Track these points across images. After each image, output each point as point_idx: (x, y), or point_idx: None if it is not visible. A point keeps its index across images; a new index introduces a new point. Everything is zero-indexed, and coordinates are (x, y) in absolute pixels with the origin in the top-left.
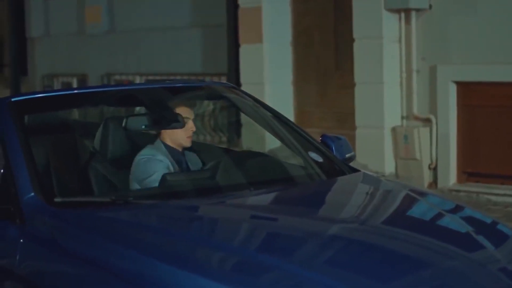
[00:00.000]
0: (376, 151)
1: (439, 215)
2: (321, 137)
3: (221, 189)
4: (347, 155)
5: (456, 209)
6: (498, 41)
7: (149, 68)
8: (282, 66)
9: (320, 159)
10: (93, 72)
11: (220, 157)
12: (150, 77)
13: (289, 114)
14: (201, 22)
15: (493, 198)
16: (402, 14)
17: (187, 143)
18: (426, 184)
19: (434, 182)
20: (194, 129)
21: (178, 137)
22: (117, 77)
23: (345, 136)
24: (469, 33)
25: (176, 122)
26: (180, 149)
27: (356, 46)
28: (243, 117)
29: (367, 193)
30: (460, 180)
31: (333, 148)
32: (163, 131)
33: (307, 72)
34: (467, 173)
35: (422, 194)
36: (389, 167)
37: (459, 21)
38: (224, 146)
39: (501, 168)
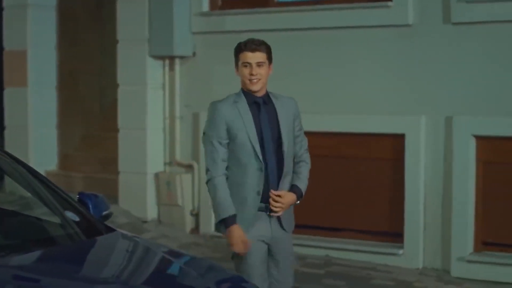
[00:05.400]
0: (139, 196)
1: (192, 278)
2: (78, 195)
3: None
4: (104, 213)
5: (210, 270)
6: None
7: None
8: (47, 109)
9: (77, 218)
10: None
11: None
12: None
13: (53, 158)
14: None
15: None
16: (166, 61)
17: (250, 86)
18: (188, 230)
19: (196, 228)
20: (254, 73)
21: (243, 80)
22: None
23: (108, 180)
24: (231, 81)
25: None
26: (255, 94)
27: (120, 91)
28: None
29: (126, 254)
30: None
31: (90, 206)
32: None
33: (72, 116)
34: None
35: (177, 255)
36: (151, 213)
37: (222, 69)
38: None
39: None
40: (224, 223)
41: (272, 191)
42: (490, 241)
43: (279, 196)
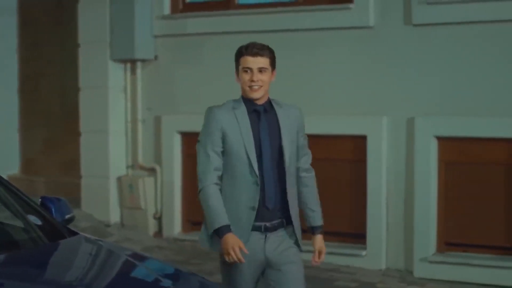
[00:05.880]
0: (101, 200)
1: (157, 281)
2: (40, 198)
3: None
4: (67, 217)
5: (175, 275)
6: (222, 92)
7: None
8: (9, 113)
9: (40, 222)
10: None
11: None
12: None
13: (15, 161)
14: None
15: None
16: (128, 65)
17: (250, 94)
18: (151, 233)
19: (159, 232)
20: (255, 79)
21: (243, 87)
22: None
23: (71, 184)
24: (193, 84)
25: None
26: (255, 102)
27: (82, 95)
28: None
29: (89, 258)
30: (185, 229)
31: (53, 210)
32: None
33: (34, 119)
34: (192, 222)
35: (142, 258)
36: (114, 217)
37: (184, 72)
38: None
39: None
40: (217, 234)
41: (315, 259)
42: (452, 242)
43: (320, 253)
